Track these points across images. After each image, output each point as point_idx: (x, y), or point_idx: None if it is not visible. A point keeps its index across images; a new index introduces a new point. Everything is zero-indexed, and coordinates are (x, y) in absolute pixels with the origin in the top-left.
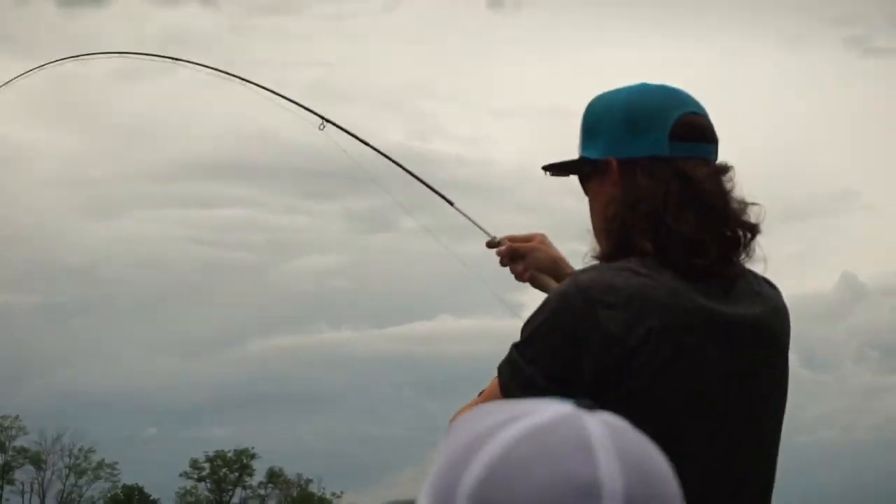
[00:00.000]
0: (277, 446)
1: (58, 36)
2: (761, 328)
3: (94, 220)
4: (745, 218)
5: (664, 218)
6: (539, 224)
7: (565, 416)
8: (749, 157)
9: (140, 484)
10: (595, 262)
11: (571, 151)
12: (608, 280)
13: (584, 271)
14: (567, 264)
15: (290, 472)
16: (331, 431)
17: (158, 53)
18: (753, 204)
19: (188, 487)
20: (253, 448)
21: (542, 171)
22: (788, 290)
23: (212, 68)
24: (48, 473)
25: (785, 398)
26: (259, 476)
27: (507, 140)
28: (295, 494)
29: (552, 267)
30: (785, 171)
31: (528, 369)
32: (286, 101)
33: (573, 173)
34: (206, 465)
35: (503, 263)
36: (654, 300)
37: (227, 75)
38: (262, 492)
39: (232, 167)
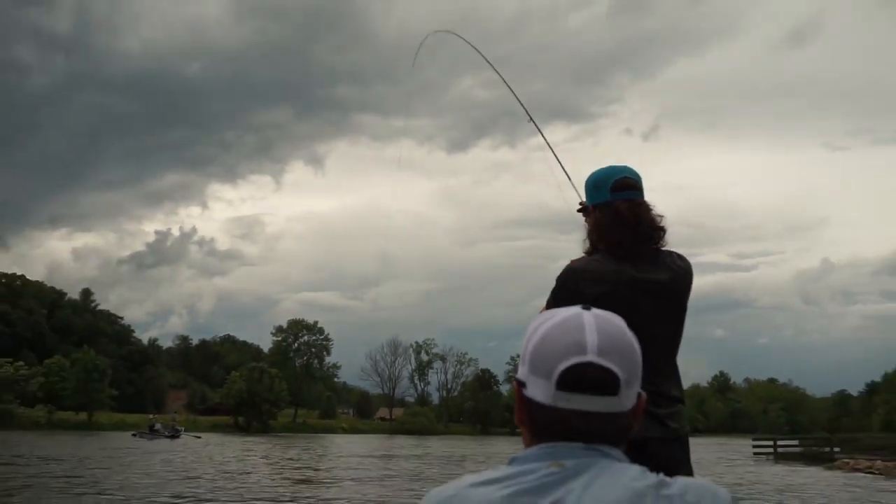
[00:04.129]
0: None
1: (441, 165)
2: (668, 287)
3: (463, 250)
4: (658, 224)
5: (604, 232)
6: None
7: (576, 312)
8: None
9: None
10: (585, 255)
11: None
12: (585, 266)
13: (577, 260)
14: None
15: None
16: None
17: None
18: (662, 216)
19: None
20: None
21: (579, 212)
22: None
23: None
24: (448, 364)
25: (682, 326)
26: None
27: None
28: None
29: None
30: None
31: (556, 303)
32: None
33: (583, 213)
34: None
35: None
36: (603, 276)
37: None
38: None
39: (526, 220)
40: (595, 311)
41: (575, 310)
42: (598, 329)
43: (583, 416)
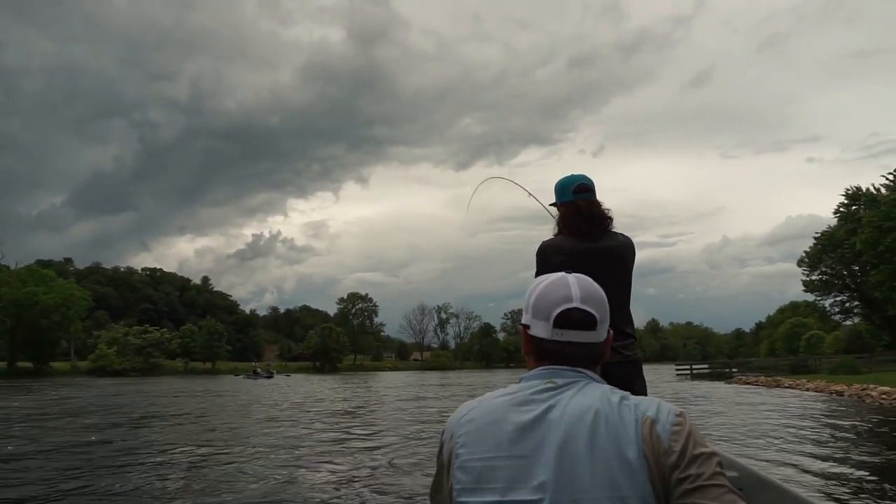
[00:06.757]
0: None
1: (451, 180)
2: (611, 251)
3: (468, 239)
4: (607, 215)
5: (568, 221)
6: None
7: (562, 275)
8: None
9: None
10: (554, 235)
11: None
12: (553, 242)
13: (547, 239)
14: None
15: None
16: None
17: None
18: (609, 209)
19: None
20: None
21: (552, 206)
22: None
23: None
24: (460, 320)
25: (629, 282)
26: None
27: None
28: None
29: None
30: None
31: (539, 271)
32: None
33: (555, 206)
34: None
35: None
36: (563, 249)
37: (513, 183)
38: None
39: (511, 217)
40: (575, 274)
41: (561, 273)
42: (578, 285)
43: (572, 346)
